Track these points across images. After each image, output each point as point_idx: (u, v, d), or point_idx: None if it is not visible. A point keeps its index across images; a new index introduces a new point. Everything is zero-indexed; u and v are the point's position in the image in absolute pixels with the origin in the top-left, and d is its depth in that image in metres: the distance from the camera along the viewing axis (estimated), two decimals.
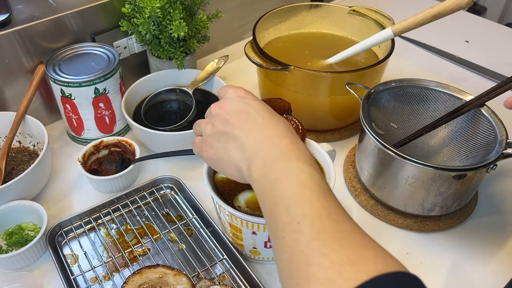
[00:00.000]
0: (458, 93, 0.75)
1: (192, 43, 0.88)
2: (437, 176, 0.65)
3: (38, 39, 0.81)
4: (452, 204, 0.70)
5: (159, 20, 0.81)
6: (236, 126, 0.49)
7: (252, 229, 0.60)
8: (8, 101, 0.83)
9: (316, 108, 0.85)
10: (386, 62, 0.82)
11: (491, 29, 1.26)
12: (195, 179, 0.78)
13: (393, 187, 0.70)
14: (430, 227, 0.73)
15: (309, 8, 0.96)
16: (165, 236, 0.70)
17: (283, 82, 0.82)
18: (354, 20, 0.94)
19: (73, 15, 0.83)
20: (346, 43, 0.92)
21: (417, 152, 0.77)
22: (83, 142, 0.86)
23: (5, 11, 0.80)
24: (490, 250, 0.70)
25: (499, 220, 0.75)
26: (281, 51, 0.91)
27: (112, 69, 0.80)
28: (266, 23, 0.92)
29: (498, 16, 1.96)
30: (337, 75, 0.80)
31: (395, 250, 0.70)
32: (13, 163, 0.79)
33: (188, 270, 0.65)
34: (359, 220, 0.74)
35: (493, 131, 0.69)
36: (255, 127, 0.48)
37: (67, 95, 0.79)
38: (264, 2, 1.15)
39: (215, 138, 0.51)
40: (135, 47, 0.94)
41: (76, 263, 0.67)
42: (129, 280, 0.60)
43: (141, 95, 0.89)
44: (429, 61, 1.12)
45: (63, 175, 0.81)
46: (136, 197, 0.75)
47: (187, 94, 0.88)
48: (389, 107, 0.78)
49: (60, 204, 0.76)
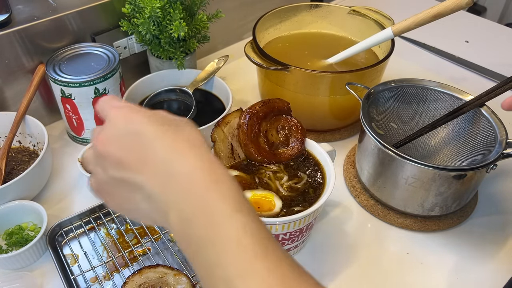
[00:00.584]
0: (458, 93, 0.75)
1: (192, 43, 0.88)
2: (437, 176, 0.65)
3: (38, 39, 0.81)
4: (452, 204, 0.70)
5: (159, 20, 0.81)
6: (133, 169, 0.37)
7: None
8: (8, 101, 0.83)
9: (316, 108, 0.85)
10: (386, 62, 0.82)
11: (491, 29, 1.26)
12: None
13: (393, 187, 0.70)
14: (430, 227, 0.73)
15: (309, 8, 0.96)
16: (165, 236, 0.70)
17: (283, 82, 0.82)
18: (354, 20, 0.94)
19: (73, 15, 0.83)
20: (346, 43, 0.92)
21: (417, 152, 0.77)
22: (83, 142, 0.86)
23: (5, 11, 0.80)
24: (490, 250, 0.70)
25: (499, 220, 0.75)
26: (281, 51, 0.91)
27: (112, 69, 0.80)
28: (266, 23, 0.92)
29: (498, 16, 1.96)
30: (337, 75, 0.80)
31: (395, 250, 0.70)
32: (13, 163, 0.79)
33: (188, 270, 0.65)
34: (359, 220, 0.74)
35: (493, 131, 0.69)
36: (157, 166, 0.36)
37: (67, 95, 0.79)
38: (264, 2, 1.15)
39: (113, 186, 0.39)
40: (135, 47, 0.94)
41: (76, 263, 0.67)
42: (129, 280, 0.60)
43: (141, 95, 0.89)
44: (429, 61, 1.12)
45: (63, 175, 0.81)
46: None
47: (187, 94, 0.88)
48: (389, 107, 0.78)
49: (60, 204, 0.76)
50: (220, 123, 0.67)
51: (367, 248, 0.70)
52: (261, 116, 0.67)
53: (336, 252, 0.70)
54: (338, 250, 0.70)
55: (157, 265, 0.62)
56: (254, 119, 0.66)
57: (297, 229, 0.61)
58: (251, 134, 0.66)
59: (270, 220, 0.58)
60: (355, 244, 0.71)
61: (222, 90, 0.89)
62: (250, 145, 0.66)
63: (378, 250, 0.70)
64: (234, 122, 0.68)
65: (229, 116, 0.68)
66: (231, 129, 0.67)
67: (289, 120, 0.69)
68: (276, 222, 0.58)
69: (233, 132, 0.67)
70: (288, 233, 0.61)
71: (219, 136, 0.66)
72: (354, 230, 0.73)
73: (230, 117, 0.68)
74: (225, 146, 0.67)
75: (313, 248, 0.70)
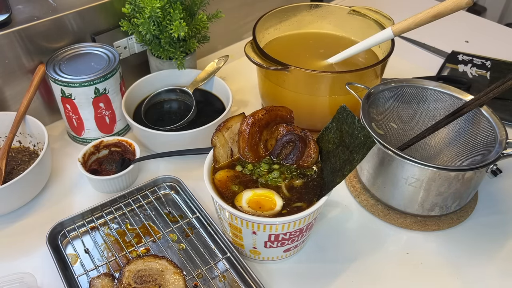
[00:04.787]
0: (458, 93, 0.75)
1: (192, 43, 0.88)
2: (437, 176, 0.65)
3: (38, 39, 0.81)
4: (452, 204, 0.70)
5: (159, 20, 0.81)
6: None
7: (252, 229, 0.60)
8: (8, 101, 0.83)
9: (316, 108, 0.85)
10: (386, 62, 0.82)
11: (491, 29, 1.26)
12: (195, 179, 0.78)
13: (393, 187, 0.70)
14: (430, 227, 0.73)
15: (309, 8, 0.96)
16: (166, 235, 0.70)
17: (283, 82, 0.82)
18: (354, 20, 0.94)
19: (73, 15, 0.83)
20: (346, 43, 0.92)
21: (417, 152, 0.77)
22: (83, 142, 0.86)
23: (5, 11, 0.80)
24: (490, 250, 0.70)
25: (499, 220, 0.75)
26: (281, 51, 0.91)
27: (112, 69, 0.80)
28: (266, 23, 0.92)
29: (498, 16, 1.96)
30: (337, 75, 0.80)
31: (395, 250, 0.70)
32: (13, 163, 0.79)
33: (188, 269, 0.65)
34: (359, 220, 0.74)
35: (493, 131, 0.69)
36: None
37: (67, 95, 0.79)
38: (264, 2, 1.15)
39: None
40: (135, 47, 0.94)
41: (77, 262, 0.67)
42: (131, 262, 0.61)
43: (141, 95, 0.89)
44: (429, 61, 1.13)
45: (63, 175, 0.81)
46: (139, 196, 0.75)
47: (187, 94, 0.89)
48: (389, 107, 0.78)
49: (60, 204, 0.76)
50: (221, 128, 0.66)
51: (367, 248, 0.70)
52: (263, 124, 0.66)
53: (336, 252, 0.70)
54: (338, 250, 0.70)
55: (162, 257, 0.62)
56: (256, 128, 0.65)
57: (297, 229, 0.61)
58: (251, 142, 0.66)
59: (270, 220, 0.58)
60: (355, 244, 0.71)
61: (222, 90, 0.89)
62: (249, 153, 0.66)
63: (378, 250, 0.70)
64: (236, 127, 0.67)
65: (231, 120, 0.67)
66: (232, 134, 0.67)
67: (289, 132, 0.67)
68: (276, 222, 0.58)
69: (234, 137, 0.67)
70: (288, 233, 0.61)
71: (220, 141, 0.66)
72: (354, 230, 0.73)
73: (231, 122, 0.67)
74: (225, 151, 0.66)
75: (313, 248, 0.70)
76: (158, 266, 0.61)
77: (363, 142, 0.57)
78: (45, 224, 0.70)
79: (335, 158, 0.62)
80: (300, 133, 0.66)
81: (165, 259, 0.62)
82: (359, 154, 0.57)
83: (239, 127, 0.66)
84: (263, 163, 0.66)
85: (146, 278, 0.60)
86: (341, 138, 0.61)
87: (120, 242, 0.69)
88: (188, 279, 0.64)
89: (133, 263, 0.61)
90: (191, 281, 0.64)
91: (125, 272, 0.60)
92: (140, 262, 0.61)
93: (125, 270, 0.60)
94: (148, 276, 0.60)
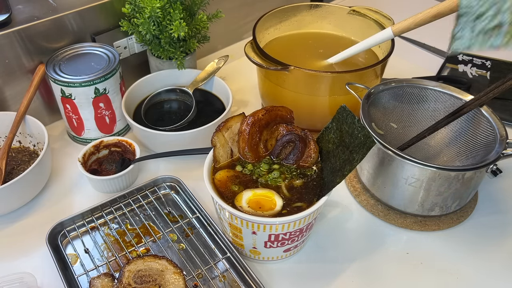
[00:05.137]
0: (458, 93, 0.75)
1: (192, 43, 0.88)
2: (437, 176, 0.65)
3: (38, 39, 0.81)
4: (452, 204, 0.70)
5: (159, 20, 0.81)
6: None
7: (252, 229, 0.60)
8: (8, 101, 0.83)
9: (316, 108, 0.85)
10: (386, 62, 0.82)
11: None
12: (195, 179, 0.78)
13: (393, 187, 0.70)
14: (430, 227, 0.73)
15: (309, 8, 0.96)
16: (166, 235, 0.70)
17: (283, 82, 0.82)
18: (354, 20, 0.94)
19: (73, 15, 0.83)
20: (346, 43, 0.92)
21: (417, 152, 0.77)
22: (83, 142, 0.86)
23: (5, 11, 0.80)
24: (490, 250, 0.70)
25: (499, 220, 0.75)
26: (281, 51, 0.91)
27: (112, 69, 0.80)
28: (266, 23, 0.92)
29: None
30: (337, 75, 0.80)
31: (395, 250, 0.70)
32: (13, 163, 0.79)
33: (188, 269, 0.65)
34: (359, 220, 0.74)
35: (493, 131, 0.69)
36: None
37: (67, 95, 0.79)
38: (264, 2, 1.15)
39: None
40: (135, 47, 0.94)
41: (77, 262, 0.67)
42: (131, 262, 0.61)
43: (141, 95, 0.89)
44: (429, 61, 1.12)
45: (63, 175, 0.81)
46: (139, 196, 0.75)
47: (187, 94, 0.89)
48: (389, 107, 0.78)
49: (60, 204, 0.76)
50: (221, 128, 0.66)
51: (367, 248, 0.70)
52: (263, 124, 0.66)
53: (336, 252, 0.70)
54: (338, 250, 0.70)
55: (162, 257, 0.62)
56: (256, 128, 0.65)
57: (297, 229, 0.61)
58: (251, 142, 0.66)
59: (270, 220, 0.58)
60: (355, 244, 0.71)
61: (222, 90, 0.89)
62: (249, 153, 0.66)
63: (378, 250, 0.70)
64: (236, 127, 0.67)
65: (231, 120, 0.67)
66: (232, 134, 0.67)
67: (289, 132, 0.67)
68: (276, 222, 0.58)
69: (234, 137, 0.67)
70: (288, 233, 0.61)
71: (220, 141, 0.66)
72: (354, 230, 0.73)
73: (231, 122, 0.67)
74: (225, 151, 0.66)
75: (313, 248, 0.70)
76: (158, 266, 0.61)
77: (363, 142, 0.57)
78: (45, 224, 0.70)
79: (335, 158, 0.62)
80: (300, 133, 0.66)
81: (165, 259, 0.62)
82: (359, 154, 0.57)
83: (239, 127, 0.66)
84: (263, 163, 0.66)
85: (146, 278, 0.60)
86: (341, 138, 0.61)
87: (120, 242, 0.69)
88: (188, 279, 0.64)
89: (133, 263, 0.61)
90: (191, 281, 0.64)
91: (125, 272, 0.60)
92: (140, 262, 0.61)
93: (125, 270, 0.60)
94: (148, 276, 0.60)
